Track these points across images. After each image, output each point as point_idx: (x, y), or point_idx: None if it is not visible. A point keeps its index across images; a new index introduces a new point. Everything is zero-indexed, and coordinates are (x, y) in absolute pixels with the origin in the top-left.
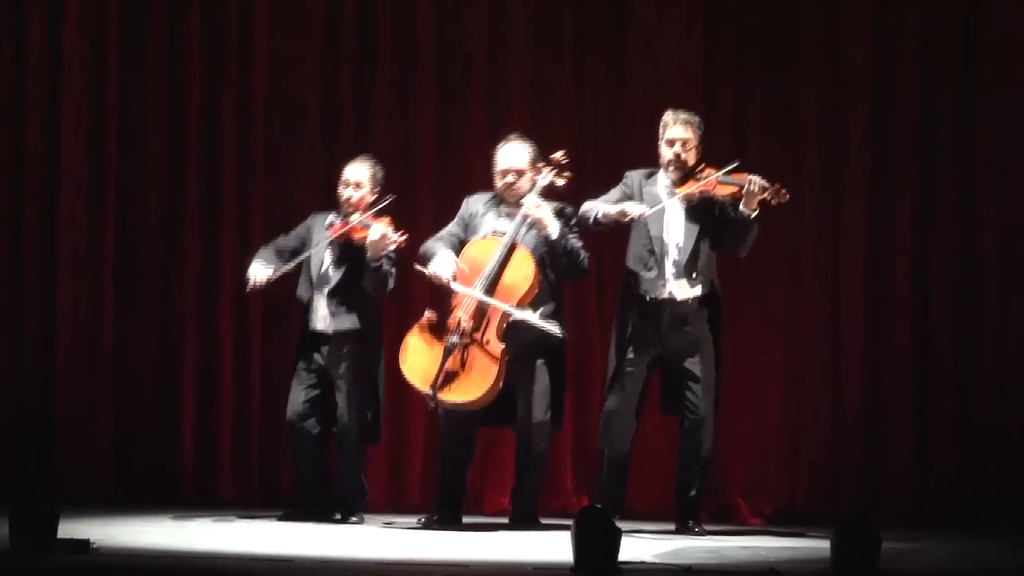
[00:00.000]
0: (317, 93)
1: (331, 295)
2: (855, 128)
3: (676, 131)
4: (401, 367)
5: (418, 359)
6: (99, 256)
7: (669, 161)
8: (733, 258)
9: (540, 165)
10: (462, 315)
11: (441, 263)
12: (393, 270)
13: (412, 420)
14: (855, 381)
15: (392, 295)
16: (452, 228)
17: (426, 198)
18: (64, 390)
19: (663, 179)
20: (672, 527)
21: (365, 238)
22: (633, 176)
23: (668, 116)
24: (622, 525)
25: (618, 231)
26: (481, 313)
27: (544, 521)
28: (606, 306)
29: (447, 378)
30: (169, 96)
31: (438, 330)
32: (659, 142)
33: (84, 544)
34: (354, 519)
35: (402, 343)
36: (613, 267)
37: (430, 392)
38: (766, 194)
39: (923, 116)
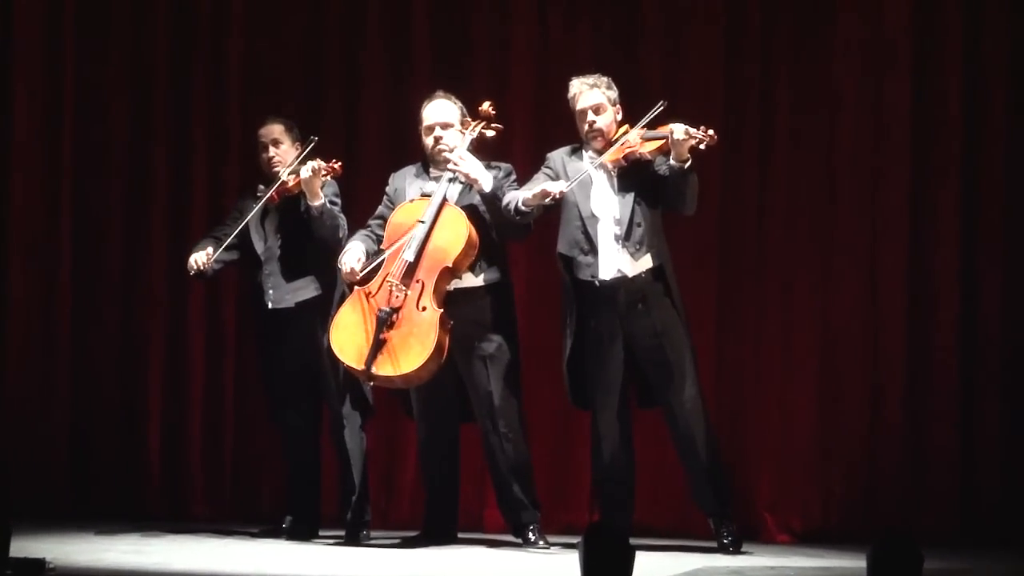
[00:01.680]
0: (299, 63)
1: (283, 267)
2: (895, 102)
3: (585, 99)
4: (332, 347)
5: (350, 336)
6: (55, 245)
7: (587, 132)
8: (755, 246)
9: (467, 120)
10: (393, 282)
11: (348, 258)
12: (341, 216)
13: (403, 425)
14: (895, 383)
15: None
16: (379, 211)
17: None
18: (15, 392)
19: (587, 153)
20: (694, 543)
21: (299, 185)
22: (554, 156)
23: (573, 85)
24: (635, 542)
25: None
26: (414, 277)
27: (551, 539)
28: None
29: (381, 350)
30: (133, 67)
31: (370, 302)
32: (574, 117)
33: (40, 564)
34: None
35: (331, 322)
36: None
37: (364, 368)
38: (693, 140)
39: (971, 87)
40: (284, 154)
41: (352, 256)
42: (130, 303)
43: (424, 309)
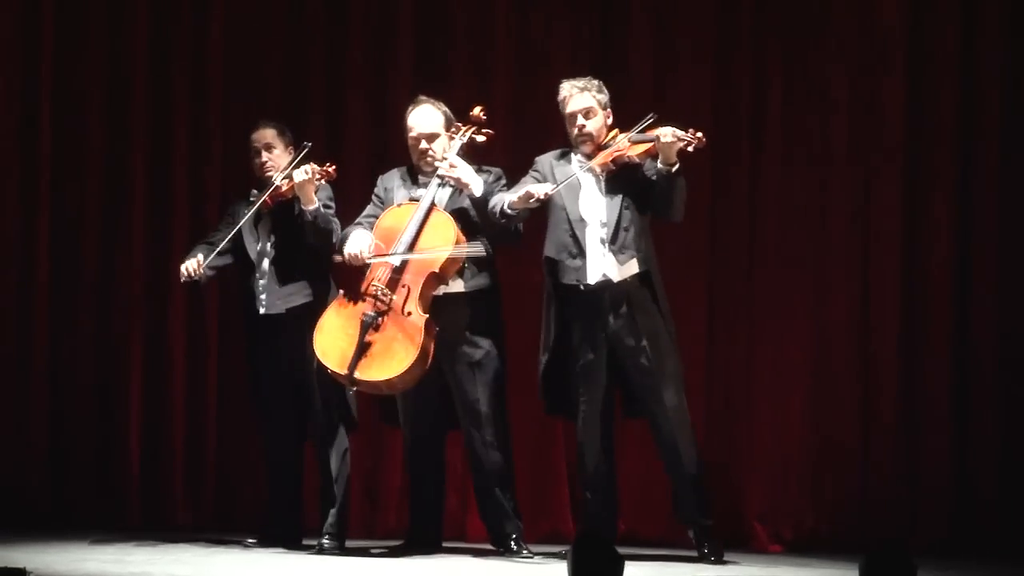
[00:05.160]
0: (281, 60)
1: (275, 273)
2: (888, 100)
3: (575, 102)
4: (315, 350)
5: (333, 339)
6: (32, 249)
7: (576, 136)
8: (746, 251)
9: (456, 125)
10: (378, 286)
11: (356, 242)
12: (335, 221)
13: (387, 435)
14: (888, 389)
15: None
16: (369, 210)
17: None
18: None
19: (575, 156)
20: (683, 552)
21: (293, 189)
22: (543, 160)
23: (564, 88)
24: (624, 551)
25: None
26: (399, 281)
27: (535, 548)
28: None
29: (365, 355)
30: (111, 66)
31: (355, 307)
32: (564, 120)
33: (20, 573)
34: (328, 543)
35: (316, 325)
36: None
37: (347, 373)
38: (681, 143)
39: (965, 85)
40: (277, 159)
41: (361, 242)
42: (109, 307)
43: (409, 314)
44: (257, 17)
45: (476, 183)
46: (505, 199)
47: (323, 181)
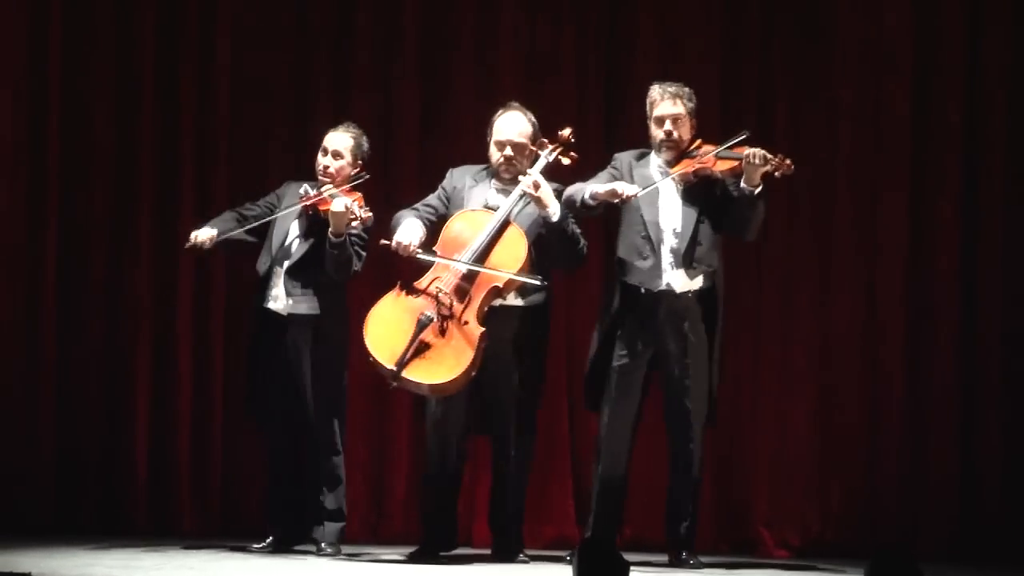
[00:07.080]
0: (287, 67)
1: (290, 272)
2: (895, 108)
3: (665, 107)
4: (365, 339)
5: (386, 331)
6: (39, 252)
7: (661, 141)
8: (753, 255)
9: (542, 140)
10: (442, 288)
11: (406, 231)
12: (363, 253)
13: (394, 435)
14: (893, 395)
15: (361, 283)
16: (431, 200)
17: (409, 182)
18: None
19: (655, 160)
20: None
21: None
22: (622, 157)
23: (655, 91)
24: (629, 557)
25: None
26: (463, 289)
27: (539, 553)
28: None
29: (416, 354)
30: (119, 70)
31: (412, 302)
32: (648, 121)
33: None
34: (329, 550)
35: (369, 313)
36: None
37: (394, 369)
38: (768, 166)
39: (972, 93)
40: (339, 170)
41: (411, 233)
42: (116, 314)
43: (466, 323)
44: (264, 23)
45: (556, 207)
46: (587, 189)
47: (356, 224)
